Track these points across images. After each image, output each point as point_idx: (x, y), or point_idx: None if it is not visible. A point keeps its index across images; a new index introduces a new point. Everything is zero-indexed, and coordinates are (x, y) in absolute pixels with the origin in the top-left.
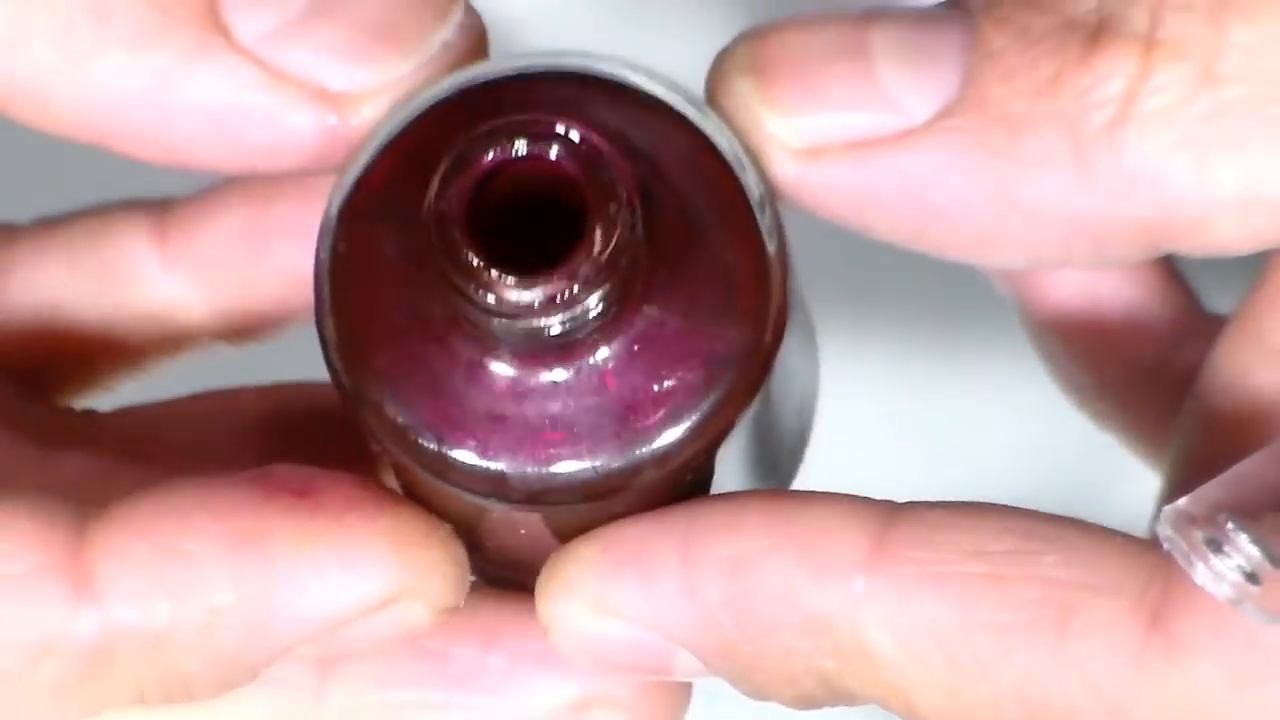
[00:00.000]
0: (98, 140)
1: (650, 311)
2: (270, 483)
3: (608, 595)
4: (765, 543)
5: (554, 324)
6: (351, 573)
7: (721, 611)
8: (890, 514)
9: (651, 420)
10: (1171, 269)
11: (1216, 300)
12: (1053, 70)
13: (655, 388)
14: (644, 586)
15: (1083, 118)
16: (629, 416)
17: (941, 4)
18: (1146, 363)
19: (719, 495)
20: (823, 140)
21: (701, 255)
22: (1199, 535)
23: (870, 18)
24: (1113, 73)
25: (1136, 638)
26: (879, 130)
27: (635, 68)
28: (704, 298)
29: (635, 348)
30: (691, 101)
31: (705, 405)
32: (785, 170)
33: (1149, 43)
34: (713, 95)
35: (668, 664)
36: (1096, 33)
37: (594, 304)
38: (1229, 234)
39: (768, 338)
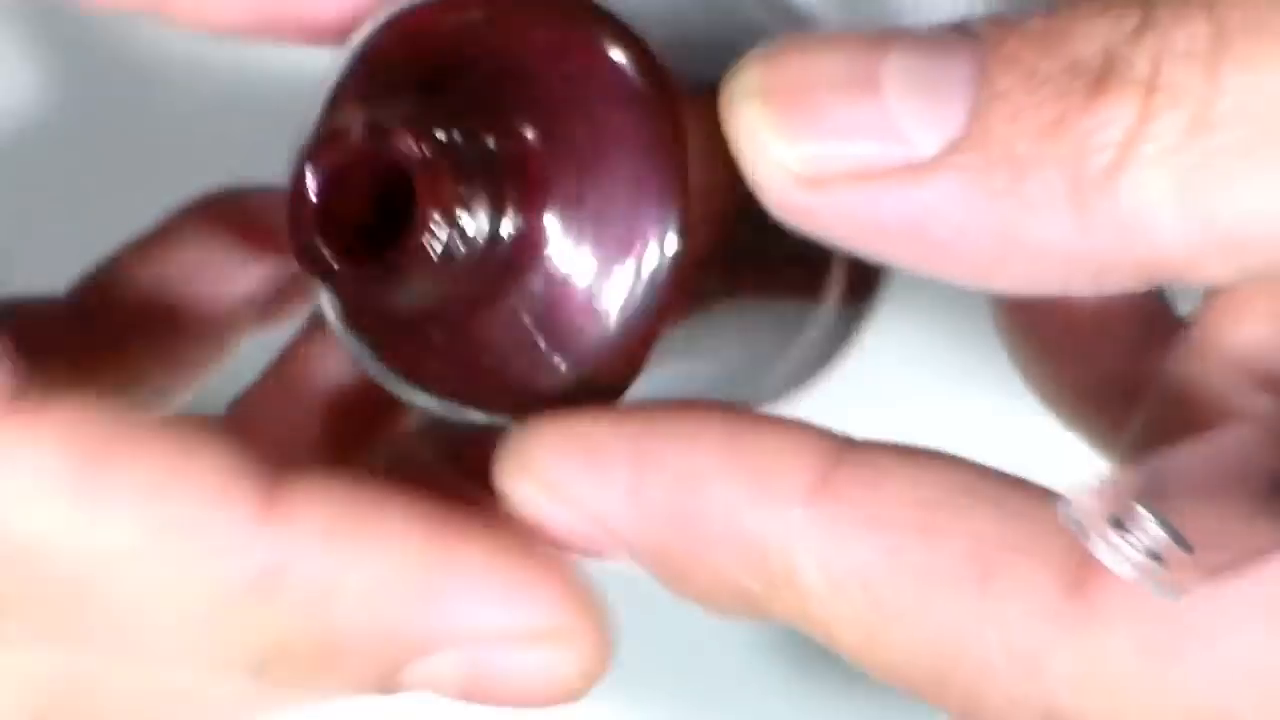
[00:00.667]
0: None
1: (551, 217)
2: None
3: (558, 481)
4: (714, 460)
5: (444, 248)
6: (521, 595)
7: (661, 519)
8: (841, 450)
9: (574, 334)
10: None
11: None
12: (1057, 113)
13: (575, 299)
14: (593, 480)
15: (1083, 162)
16: (552, 331)
17: (951, 27)
18: (1115, 366)
19: (679, 402)
20: (828, 169)
21: (605, 156)
22: (1104, 514)
23: (882, 43)
24: (1114, 119)
25: (1055, 601)
26: (885, 161)
27: None
28: (610, 196)
29: (539, 260)
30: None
31: (627, 315)
32: (790, 197)
33: (1150, 88)
34: (722, 119)
35: (603, 552)
36: (1101, 77)
37: (472, 221)
38: (1219, 271)
39: (695, 234)
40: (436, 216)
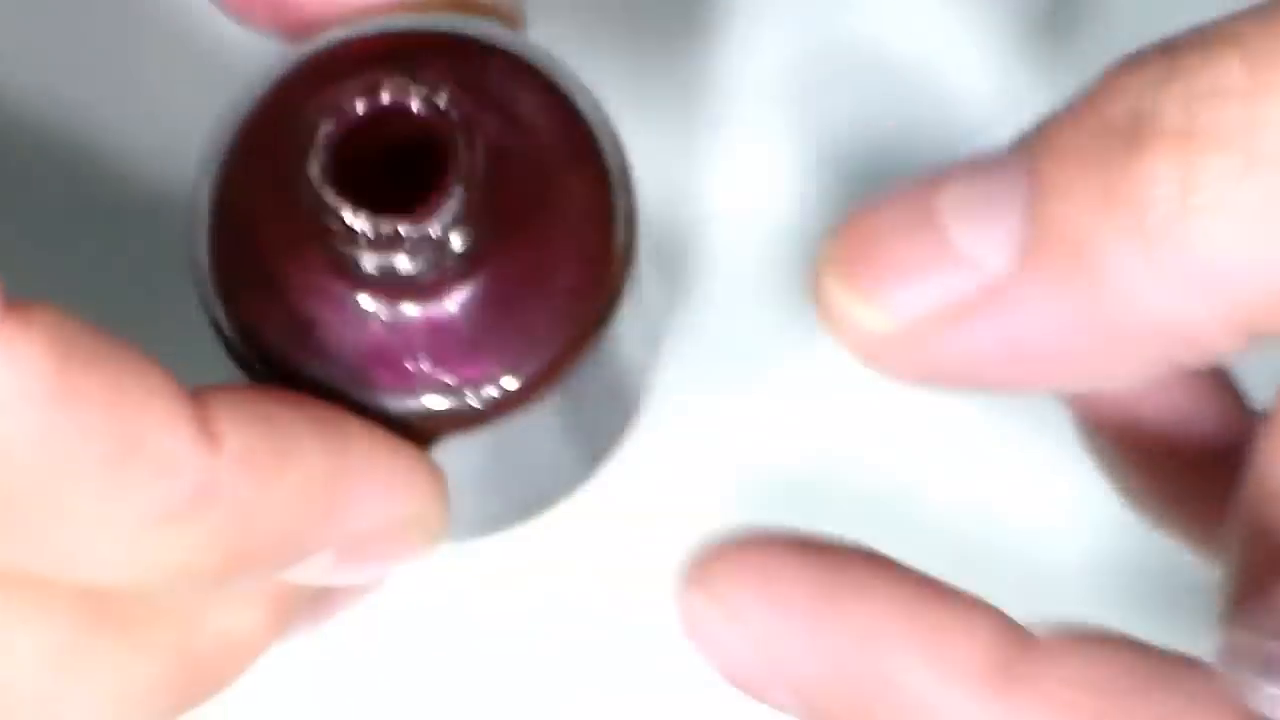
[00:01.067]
0: None
1: (500, 257)
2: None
3: (736, 607)
4: (897, 623)
5: (409, 262)
6: (395, 489)
7: (836, 672)
8: (1020, 635)
9: (496, 361)
10: (1217, 368)
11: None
12: (1104, 184)
13: (503, 329)
14: (771, 614)
15: (1144, 226)
16: (475, 357)
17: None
18: (1196, 467)
19: (859, 548)
20: (911, 315)
21: (554, 203)
22: (1252, 666)
23: (934, 181)
24: (1158, 175)
25: None
26: (964, 292)
27: (509, 33)
28: (554, 243)
29: (485, 290)
30: (556, 64)
31: (550, 349)
32: (887, 357)
33: (1186, 135)
34: (814, 301)
35: (761, 688)
36: (1132, 136)
37: (445, 243)
38: None
39: (609, 292)
40: (459, 187)
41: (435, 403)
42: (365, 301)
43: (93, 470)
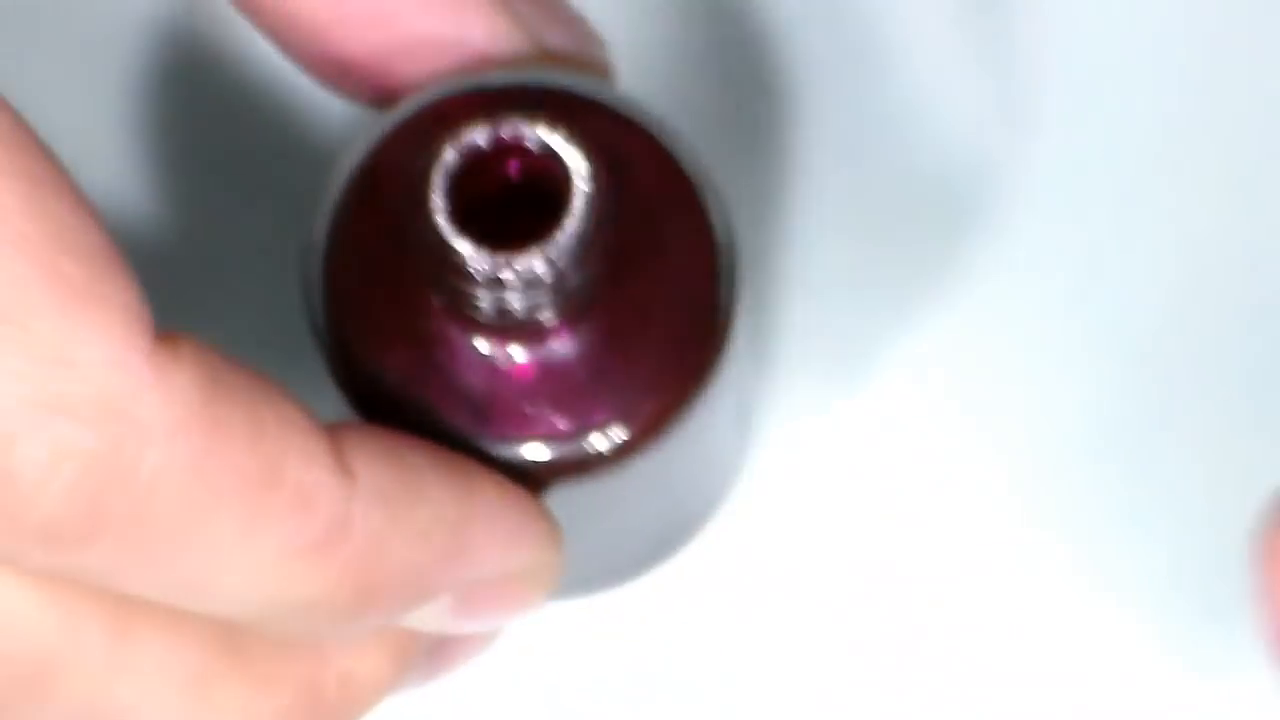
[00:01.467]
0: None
1: (608, 309)
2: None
3: None
4: None
5: (525, 302)
6: (519, 538)
7: None
8: None
9: (602, 411)
10: None
11: None
12: None
13: (615, 376)
14: None
15: None
16: (589, 403)
17: None
18: None
19: None
20: None
21: (663, 250)
22: None
23: None
24: None
25: None
26: None
27: (607, 85)
28: (664, 290)
29: (599, 336)
30: (655, 116)
31: (660, 396)
32: None
33: None
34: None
35: None
36: None
37: (562, 282)
38: None
39: (717, 336)
40: (578, 223)
41: (547, 449)
42: (481, 345)
43: (235, 501)
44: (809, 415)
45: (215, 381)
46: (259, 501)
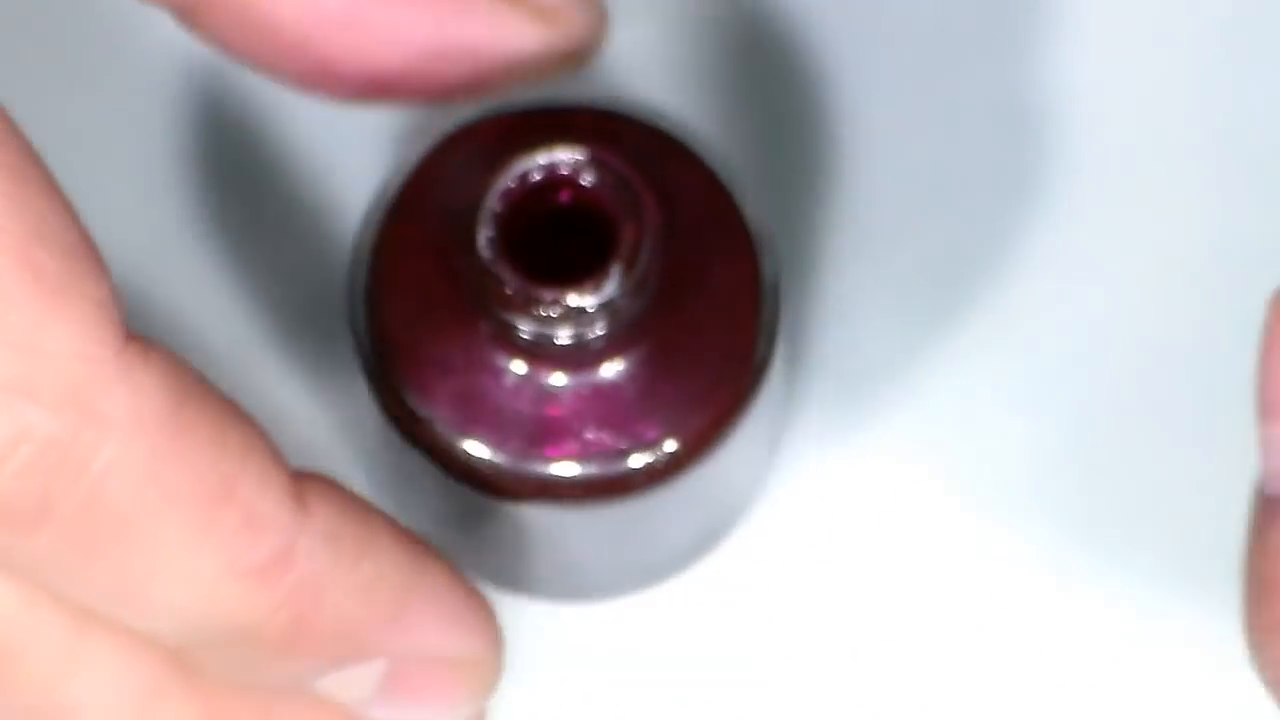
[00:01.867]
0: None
1: (655, 331)
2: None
3: None
4: None
5: (574, 331)
6: (462, 624)
7: None
8: None
9: (650, 430)
10: None
11: None
12: None
13: (657, 400)
14: None
15: None
16: (637, 422)
17: None
18: None
19: None
20: None
21: (711, 281)
22: None
23: None
24: None
25: None
26: None
27: (648, 106)
28: (709, 320)
29: (641, 361)
30: (698, 137)
31: (706, 414)
32: None
33: None
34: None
35: None
36: None
37: (610, 315)
38: None
39: (760, 356)
40: (630, 257)
41: (596, 467)
42: (525, 369)
43: (184, 510)
44: (827, 441)
45: (183, 391)
46: (208, 515)
